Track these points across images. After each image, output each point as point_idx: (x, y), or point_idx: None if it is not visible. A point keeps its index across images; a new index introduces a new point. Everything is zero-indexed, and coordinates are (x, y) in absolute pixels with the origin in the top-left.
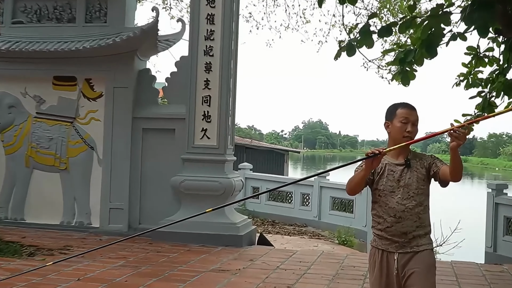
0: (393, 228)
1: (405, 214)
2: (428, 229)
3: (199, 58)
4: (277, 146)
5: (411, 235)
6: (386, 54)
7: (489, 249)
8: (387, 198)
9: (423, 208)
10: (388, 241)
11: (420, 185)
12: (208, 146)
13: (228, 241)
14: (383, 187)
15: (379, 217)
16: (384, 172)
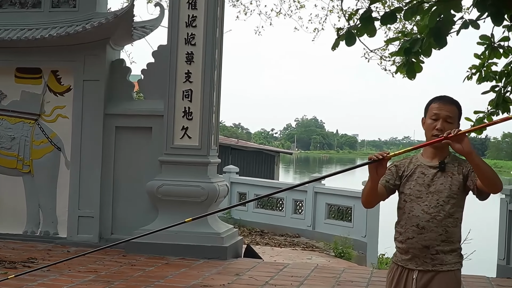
0: (414, 240)
1: (430, 224)
2: (456, 246)
3: (179, 48)
4: (266, 146)
5: (434, 250)
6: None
7: (501, 262)
8: (412, 205)
9: (453, 220)
10: (408, 255)
11: (453, 194)
12: (189, 146)
13: (211, 253)
14: (410, 191)
15: (401, 226)
16: (414, 174)
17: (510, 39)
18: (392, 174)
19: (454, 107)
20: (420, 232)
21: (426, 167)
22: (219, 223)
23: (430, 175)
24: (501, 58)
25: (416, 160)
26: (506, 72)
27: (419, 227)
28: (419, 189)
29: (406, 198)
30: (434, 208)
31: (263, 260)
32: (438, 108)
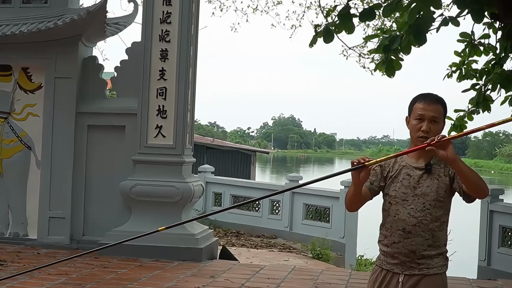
0: (400, 245)
1: (416, 229)
2: (442, 249)
3: (153, 44)
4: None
5: (420, 255)
6: (369, 41)
7: (482, 263)
8: (398, 207)
9: (440, 224)
10: (395, 259)
11: (440, 196)
12: (163, 145)
13: (186, 255)
14: (395, 193)
15: (386, 229)
16: (399, 175)
17: (491, 37)
18: (377, 175)
19: (440, 106)
20: (407, 237)
21: (411, 168)
22: (194, 224)
23: (416, 177)
24: (482, 56)
25: (401, 160)
26: (487, 70)
27: (405, 231)
28: (405, 191)
29: (391, 200)
30: (420, 212)
31: (239, 262)
32: (423, 109)
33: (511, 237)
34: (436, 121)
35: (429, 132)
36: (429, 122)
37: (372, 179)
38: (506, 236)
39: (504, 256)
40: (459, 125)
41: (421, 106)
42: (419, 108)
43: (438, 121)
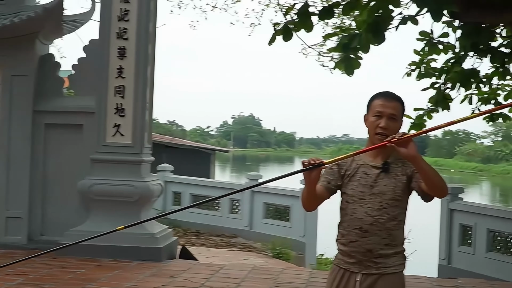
0: (357, 243)
1: (373, 228)
2: (399, 248)
3: (111, 42)
4: (202, 144)
5: (377, 254)
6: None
7: (442, 261)
8: (355, 206)
9: (397, 223)
10: (352, 258)
11: (397, 196)
12: (121, 144)
13: (145, 255)
14: (352, 192)
15: (344, 228)
16: (357, 174)
17: (450, 35)
18: (334, 174)
19: (398, 104)
20: (363, 236)
21: (369, 167)
22: (153, 224)
23: (373, 176)
24: (441, 54)
25: (359, 159)
26: (446, 69)
27: (362, 230)
28: (362, 190)
29: (348, 199)
30: (377, 211)
31: (199, 262)
32: (382, 105)
33: (471, 235)
34: (395, 119)
35: (388, 129)
36: (388, 119)
37: (329, 178)
38: (466, 234)
39: (464, 254)
40: (419, 124)
41: (379, 103)
42: (378, 105)
43: (396, 119)
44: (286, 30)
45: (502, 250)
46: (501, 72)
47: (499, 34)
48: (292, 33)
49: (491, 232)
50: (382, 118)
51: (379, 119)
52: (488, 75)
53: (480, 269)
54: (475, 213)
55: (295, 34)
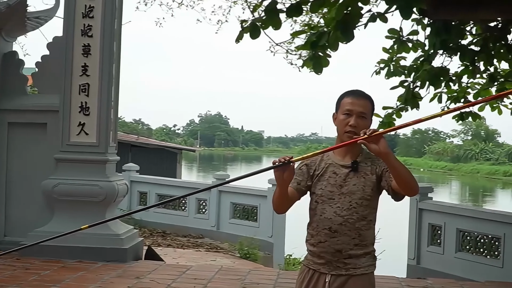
0: (326, 244)
1: (342, 228)
2: (370, 249)
3: (75, 39)
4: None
5: (346, 254)
6: (296, 37)
7: (411, 262)
8: (324, 206)
9: (366, 223)
10: (321, 259)
11: (366, 195)
12: (86, 143)
13: (110, 256)
14: (321, 192)
15: (313, 228)
16: (326, 173)
17: (419, 33)
18: (303, 175)
19: (368, 102)
20: (333, 236)
21: (338, 166)
22: (118, 224)
23: (342, 175)
24: (410, 52)
25: (328, 158)
26: (415, 67)
27: (332, 230)
28: (331, 189)
29: (317, 199)
30: (346, 211)
31: (165, 262)
32: (351, 104)
33: (440, 235)
34: (364, 117)
35: (357, 127)
36: (357, 117)
37: (298, 179)
38: (435, 234)
39: (433, 254)
40: (388, 122)
41: (349, 101)
42: (347, 103)
43: (366, 117)
44: (254, 28)
45: (472, 250)
46: (470, 70)
47: (469, 32)
48: (259, 30)
49: (461, 232)
50: (352, 116)
51: (348, 117)
52: (458, 74)
53: (450, 269)
54: (444, 212)
55: (262, 31)
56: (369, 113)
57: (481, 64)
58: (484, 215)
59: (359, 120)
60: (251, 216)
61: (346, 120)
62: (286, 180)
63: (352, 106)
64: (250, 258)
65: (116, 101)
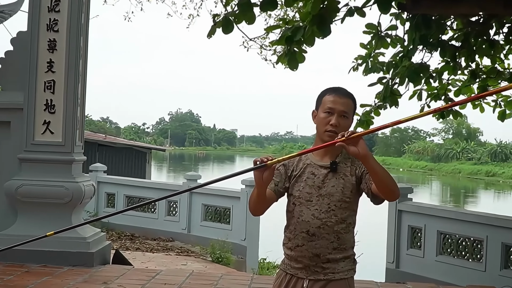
0: (303, 248)
1: (320, 231)
2: (349, 253)
3: (41, 34)
4: (137, 142)
5: (325, 259)
6: (271, 32)
7: (390, 265)
8: (302, 208)
9: (346, 226)
10: (299, 263)
11: (346, 197)
12: (51, 142)
13: (76, 260)
14: (299, 194)
15: (290, 231)
16: (303, 174)
17: (398, 28)
18: (281, 175)
19: (350, 101)
20: (310, 239)
21: (316, 167)
22: (85, 227)
23: (320, 176)
24: (389, 48)
25: (306, 158)
26: (394, 63)
27: (309, 233)
28: (309, 191)
29: (295, 201)
30: (325, 213)
31: (134, 267)
32: (334, 102)
33: (420, 238)
34: (346, 116)
35: (338, 127)
36: (339, 116)
37: (276, 180)
38: (415, 237)
39: (413, 257)
40: (366, 121)
41: (331, 99)
42: (329, 101)
43: (348, 116)
44: (226, 22)
45: (453, 253)
46: (451, 66)
47: (450, 27)
48: (232, 25)
49: (442, 234)
50: (333, 115)
51: (330, 116)
52: (438, 70)
53: (430, 273)
54: (424, 214)
55: (236, 26)
56: (351, 112)
57: (462, 60)
58: (466, 217)
59: (340, 119)
60: (224, 218)
61: (327, 118)
62: (266, 181)
63: (334, 104)
64: (223, 262)
65: (83, 98)
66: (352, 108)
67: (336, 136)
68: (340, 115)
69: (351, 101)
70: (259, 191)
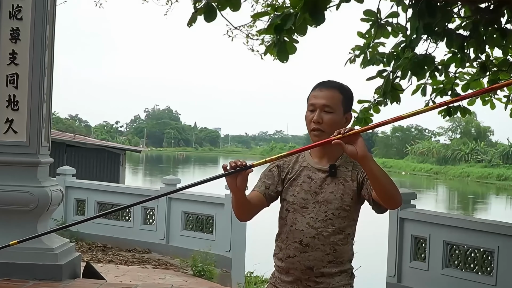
0: (295, 259)
1: (315, 242)
2: (346, 266)
3: (2, 23)
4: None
5: (318, 272)
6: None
7: (391, 279)
8: (296, 216)
9: (343, 237)
10: (289, 276)
11: (345, 205)
12: (14, 143)
13: (43, 273)
14: (293, 199)
15: (282, 240)
16: (299, 177)
17: (400, 15)
18: (273, 178)
19: (334, 92)
20: (304, 250)
21: (313, 170)
22: (52, 237)
23: (318, 181)
24: (389, 38)
25: (303, 160)
26: (395, 54)
27: (303, 244)
28: (305, 197)
29: (288, 207)
30: (321, 222)
31: (106, 281)
32: (314, 97)
33: (424, 249)
34: (329, 111)
35: (322, 123)
36: (321, 111)
37: (267, 182)
38: (419, 247)
39: (416, 271)
40: (364, 118)
41: (314, 94)
42: (312, 96)
43: (331, 111)
44: (209, 9)
45: (461, 265)
46: (459, 58)
47: (457, 14)
48: (216, 12)
49: (448, 245)
50: (315, 111)
51: (313, 113)
52: (444, 62)
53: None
54: (429, 222)
55: (219, 13)
56: (337, 105)
57: (471, 51)
58: (475, 226)
59: (322, 114)
60: (206, 227)
61: (310, 116)
62: (240, 188)
63: (315, 99)
64: (205, 276)
65: (49, 94)
66: (338, 100)
67: (322, 134)
68: (322, 109)
69: (337, 92)
70: (236, 197)
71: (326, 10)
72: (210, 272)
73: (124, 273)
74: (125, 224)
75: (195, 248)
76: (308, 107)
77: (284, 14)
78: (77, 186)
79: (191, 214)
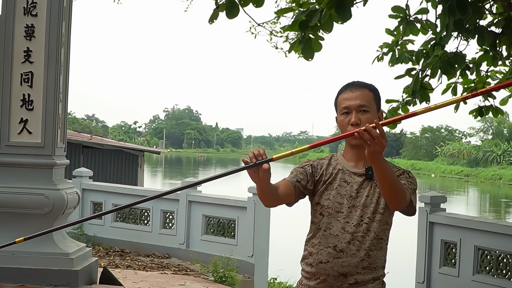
0: (328, 265)
1: (350, 247)
2: (379, 273)
3: (17, 19)
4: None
5: (352, 279)
6: (282, 16)
7: (420, 286)
8: (330, 220)
9: (378, 242)
10: (320, 283)
11: (380, 208)
12: (29, 144)
13: (58, 279)
14: (328, 203)
15: (313, 245)
16: (335, 181)
17: (429, 12)
18: (306, 175)
19: (366, 91)
20: (337, 256)
21: (349, 174)
22: (68, 241)
23: (354, 185)
24: (419, 35)
25: (337, 163)
26: (425, 52)
27: (337, 249)
28: (341, 201)
29: (323, 211)
30: (356, 227)
31: (124, 287)
32: (347, 99)
33: (455, 254)
34: (366, 110)
35: (360, 124)
36: (357, 112)
37: (299, 177)
38: (449, 253)
39: (446, 277)
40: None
41: (344, 97)
42: (343, 100)
43: (368, 110)
44: (231, 5)
45: (493, 271)
46: (491, 56)
47: (489, 10)
48: (238, 8)
49: (479, 250)
50: (351, 113)
51: (348, 116)
52: (476, 60)
53: None
54: (460, 226)
55: (241, 9)
56: (372, 103)
57: (503, 48)
58: (508, 230)
59: (360, 115)
60: (228, 231)
61: (346, 119)
62: (263, 179)
63: (348, 101)
64: (227, 282)
65: (65, 92)
66: (371, 98)
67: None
68: (358, 110)
69: (368, 90)
70: (260, 187)
71: (353, 6)
72: (232, 278)
73: (143, 279)
74: (143, 228)
75: (216, 253)
76: (340, 111)
77: (309, 10)
78: (94, 189)
79: (212, 218)
